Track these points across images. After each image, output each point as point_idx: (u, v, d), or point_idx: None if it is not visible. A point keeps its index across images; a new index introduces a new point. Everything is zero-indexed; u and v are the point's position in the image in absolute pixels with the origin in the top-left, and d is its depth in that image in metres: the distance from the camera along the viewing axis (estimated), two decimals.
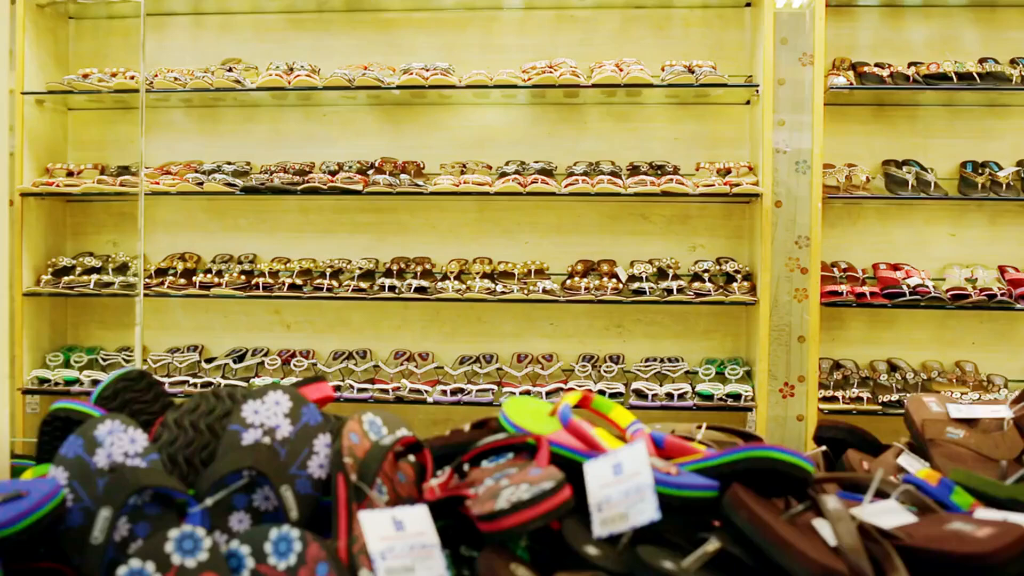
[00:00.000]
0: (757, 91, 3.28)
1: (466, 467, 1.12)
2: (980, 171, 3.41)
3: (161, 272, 3.57)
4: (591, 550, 0.93)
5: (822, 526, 0.97)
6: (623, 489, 0.97)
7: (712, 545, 0.91)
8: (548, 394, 3.29)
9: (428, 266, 3.56)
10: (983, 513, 1.01)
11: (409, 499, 1.08)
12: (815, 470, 1.00)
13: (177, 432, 1.10)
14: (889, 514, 0.99)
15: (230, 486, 1.02)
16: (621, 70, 3.32)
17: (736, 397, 3.24)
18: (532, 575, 0.93)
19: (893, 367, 3.46)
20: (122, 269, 3.57)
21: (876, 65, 3.38)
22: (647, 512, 0.94)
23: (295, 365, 3.55)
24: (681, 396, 3.24)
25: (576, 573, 0.89)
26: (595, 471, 1.00)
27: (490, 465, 1.11)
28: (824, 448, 1.50)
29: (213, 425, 1.10)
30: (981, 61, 3.38)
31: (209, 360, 3.60)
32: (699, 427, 1.51)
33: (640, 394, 3.27)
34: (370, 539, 0.94)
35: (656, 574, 0.86)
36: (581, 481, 1.00)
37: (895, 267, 3.44)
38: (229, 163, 3.60)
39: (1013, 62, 3.38)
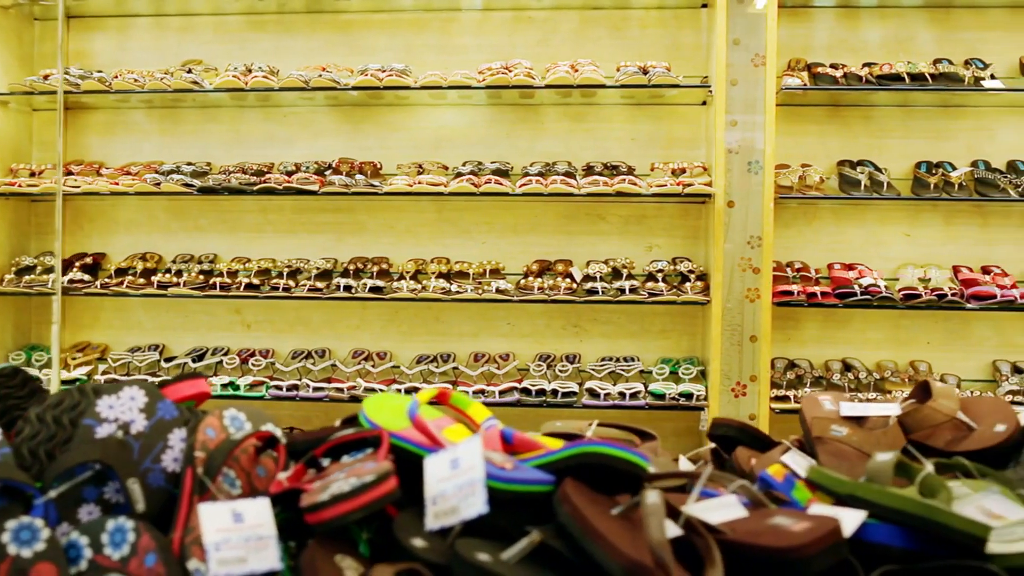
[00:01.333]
0: (710, 92, 3.30)
1: (326, 462, 1.14)
2: (933, 171, 3.42)
3: (121, 272, 3.59)
4: (418, 542, 0.95)
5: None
6: (457, 483, 0.98)
7: (533, 538, 0.93)
8: (501, 393, 3.31)
9: (385, 266, 3.58)
10: (816, 508, 1.02)
11: (266, 493, 1.10)
12: (648, 466, 1.02)
13: (38, 427, 1.11)
14: (721, 509, 1.00)
15: (77, 478, 1.04)
16: (576, 71, 3.34)
17: (688, 396, 3.26)
18: (359, 566, 0.95)
19: (847, 367, 3.48)
20: (85, 269, 3.59)
21: (831, 66, 3.40)
22: (477, 506, 0.95)
23: (253, 364, 3.57)
24: (634, 395, 3.26)
25: (394, 565, 0.91)
26: (433, 466, 1.01)
27: (349, 460, 1.13)
28: (713, 446, 1.52)
29: (75, 420, 1.12)
30: (935, 62, 3.40)
31: (169, 359, 3.62)
32: (590, 424, 1.52)
33: (593, 393, 3.29)
34: (206, 530, 0.96)
35: (470, 566, 0.88)
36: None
37: (849, 267, 3.45)
38: (189, 164, 3.63)
39: (967, 63, 3.39)
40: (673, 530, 0.96)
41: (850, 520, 0.96)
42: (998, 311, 3.30)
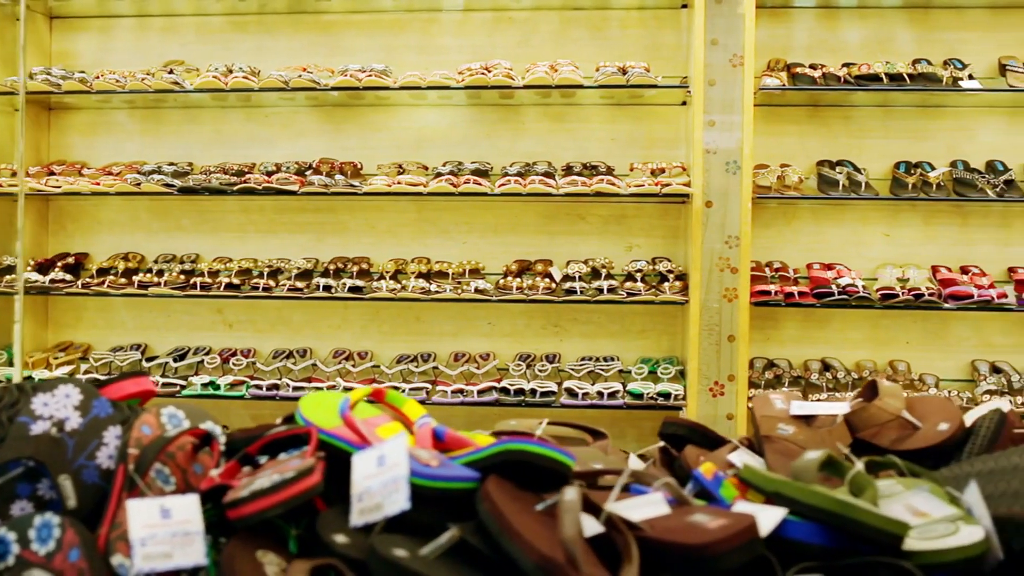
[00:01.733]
0: (689, 92, 3.31)
1: (263, 460, 1.15)
2: (912, 171, 3.43)
3: (103, 272, 3.60)
4: (340, 539, 0.96)
5: (585, 518, 1.00)
6: (382, 480, 0.99)
7: (451, 535, 0.94)
8: (480, 393, 3.32)
9: (365, 266, 3.59)
10: (740, 506, 1.03)
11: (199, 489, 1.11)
12: (572, 463, 1.03)
13: None
14: (645, 507, 1.01)
15: (9, 475, 1.05)
16: (555, 71, 3.35)
17: (666, 396, 3.26)
18: (282, 561, 0.96)
19: (826, 366, 3.48)
20: (67, 269, 3.60)
21: (810, 66, 3.40)
22: (399, 502, 0.96)
23: (234, 364, 3.58)
24: (612, 395, 3.27)
25: (311, 560, 0.92)
26: (360, 463, 1.02)
27: (285, 457, 1.14)
28: (662, 444, 1.53)
29: (12, 417, 1.13)
30: (914, 62, 3.40)
31: (151, 359, 3.63)
32: (539, 423, 1.53)
33: (571, 393, 3.30)
34: (132, 526, 0.97)
35: (386, 562, 0.89)
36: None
37: (828, 267, 3.46)
38: (171, 164, 3.64)
39: (946, 63, 3.40)
40: (594, 527, 0.97)
41: (770, 518, 0.97)
42: (976, 311, 3.30)
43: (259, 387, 3.40)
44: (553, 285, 3.39)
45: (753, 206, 3.39)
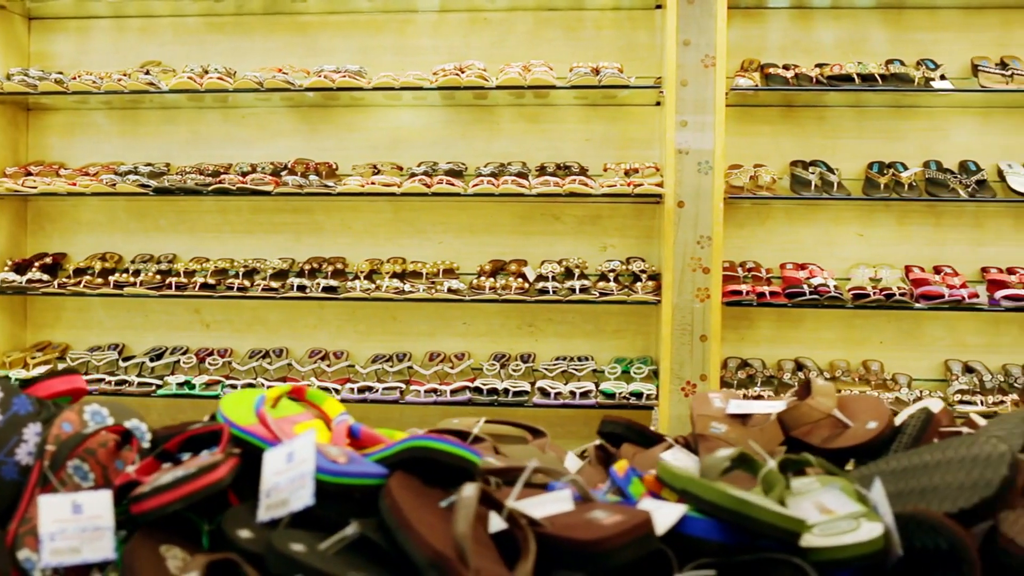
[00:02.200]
0: (662, 92, 3.32)
1: (185, 457, 1.16)
2: (885, 172, 3.43)
3: (80, 272, 3.62)
4: (244, 534, 0.97)
5: (492, 516, 1.01)
6: (290, 476, 1.01)
7: (351, 530, 0.95)
8: (453, 392, 3.33)
9: (340, 266, 3.60)
10: (645, 502, 1.04)
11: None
12: (477, 460, 1.04)
13: None
14: (549, 504, 1.02)
15: None
16: (529, 72, 3.36)
17: (639, 396, 3.27)
18: (186, 555, 0.97)
19: (799, 366, 3.49)
20: (44, 269, 3.62)
21: (783, 67, 3.41)
22: (304, 498, 0.97)
23: (210, 363, 3.59)
24: (584, 395, 3.28)
25: (210, 555, 0.93)
26: (271, 459, 1.03)
27: (206, 454, 1.15)
28: (599, 442, 1.53)
29: None
30: (888, 62, 3.41)
31: (128, 359, 3.65)
32: (478, 421, 1.54)
33: (544, 392, 3.30)
34: (42, 521, 0.98)
35: (281, 556, 0.90)
36: None
37: (801, 267, 3.47)
38: (148, 164, 3.66)
39: (920, 63, 3.40)
40: (499, 524, 0.98)
41: (670, 514, 0.98)
42: (948, 311, 3.31)
43: (234, 387, 3.41)
44: (526, 285, 3.40)
45: (726, 206, 3.40)
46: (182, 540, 1.00)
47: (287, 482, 1.01)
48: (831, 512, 1.05)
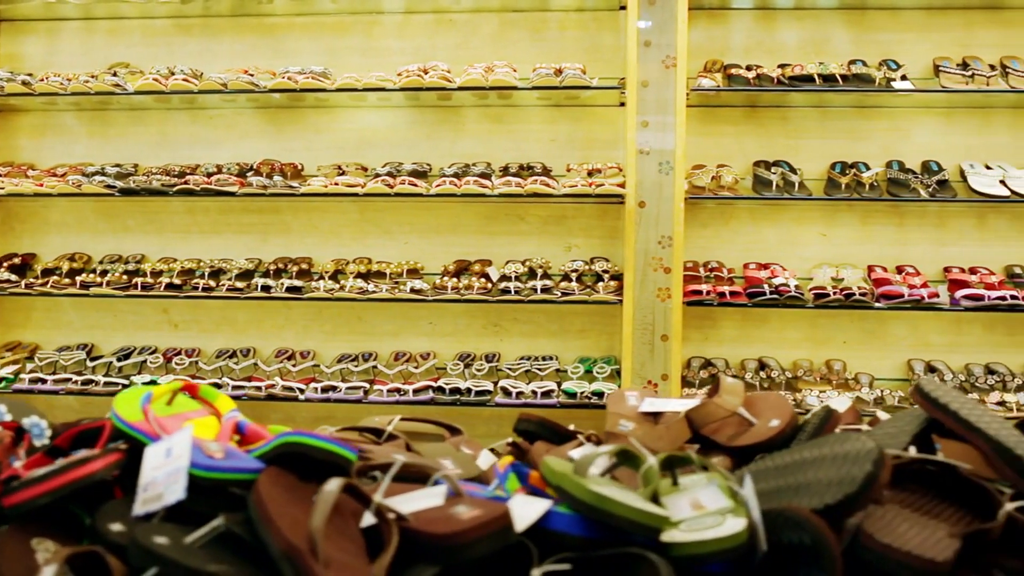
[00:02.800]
0: (623, 93, 3.33)
1: (80, 453, 1.18)
2: (847, 172, 3.44)
3: (48, 272, 3.64)
4: (115, 527, 0.98)
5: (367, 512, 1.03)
6: (166, 471, 1.02)
7: (216, 523, 0.96)
8: (416, 392, 3.35)
9: (306, 266, 3.62)
10: (517, 498, 1.06)
11: None
12: (352, 455, 1.05)
13: None
14: (421, 499, 1.04)
15: None
16: (492, 72, 3.38)
17: (600, 395, 3.28)
18: (59, 548, 0.98)
19: (763, 365, 3.50)
20: (13, 269, 3.64)
21: (746, 67, 3.42)
22: (177, 492, 0.99)
23: (177, 363, 3.61)
24: (546, 394, 3.29)
25: (74, 547, 0.94)
26: (151, 455, 1.05)
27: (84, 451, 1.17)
28: (511, 439, 1.55)
29: None
30: (850, 63, 3.42)
31: (96, 358, 3.67)
32: (390, 420, 1.56)
33: (506, 392, 3.32)
34: None
35: (143, 549, 0.91)
36: None
37: (764, 267, 3.48)
38: (117, 165, 3.68)
39: (882, 64, 3.41)
40: (368, 519, 1.00)
41: (535, 509, 1.00)
42: (911, 311, 3.32)
43: None
44: (489, 285, 3.41)
45: (691, 206, 3.42)
46: (60, 534, 1.02)
47: (163, 476, 1.02)
48: (702, 508, 1.06)
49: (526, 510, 1.00)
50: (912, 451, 1.17)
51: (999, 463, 1.13)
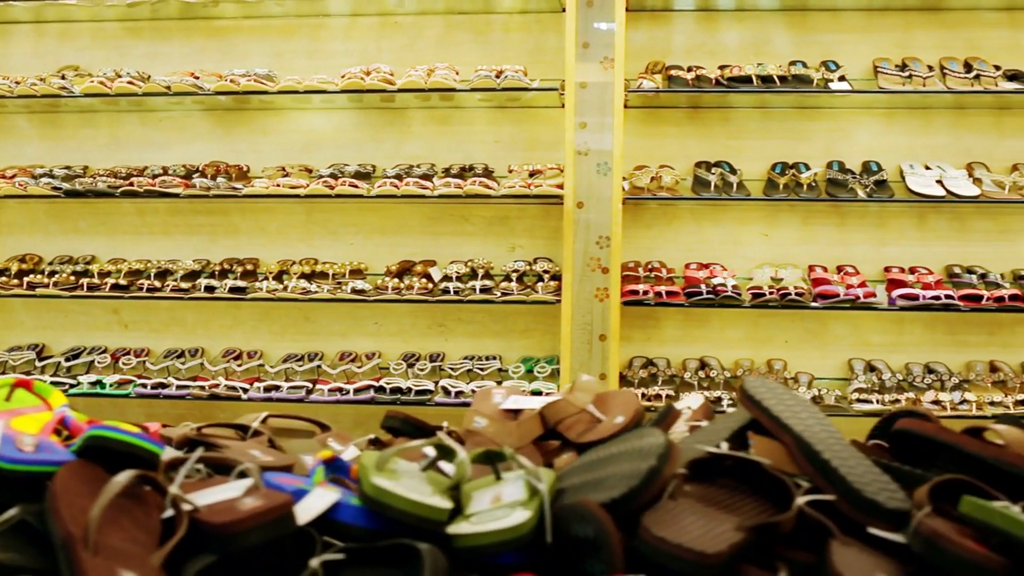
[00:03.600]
0: (562, 94, 3.36)
1: None
2: (786, 172, 3.46)
3: None
4: None
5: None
6: None
7: (11, 513, 0.99)
8: (356, 391, 3.37)
9: (251, 267, 3.65)
10: (318, 491, 1.08)
11: None
12: (158, 450, 1.08)
13: None
14: (221, 492, 1.06)
15: None
16: (433, 74, 3.40)
17: (538, 394, 3.30)
18: None
19: (703, 365, 3.52)
20: None
21: (687, 69, 3.45)
22: None
23: (124, 363, 3.65)
24: None
25: None
26: None
27: None
28: (373, 436, 1.58)
29: None
30: (791, 64, 3.44)
31: (45, 358, 3.71)
32: (263, 420, 1.59)
33: (447, 391, 3.35)
34: None
35: None
36: None
37: (704, 267, 3.50)
38: (67, 167, 3.71)
39: (823, 65, 3.42)
40: (169, 511, 1.03)
41: (322, 501, 1.03)
42: (851, 310, 3.34)
43: (144, 386, 3.47)
44: (430, 285, 3.44)
45: (633, 207, 3.45)
46: None
47: None
48: (499, 501, 1.09)
49: (316, 502, 1.03)
50: (724, 447, 1.19)
51: (800, 458, 1.16)
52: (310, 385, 3.44)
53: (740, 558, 1.01)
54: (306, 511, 1.01)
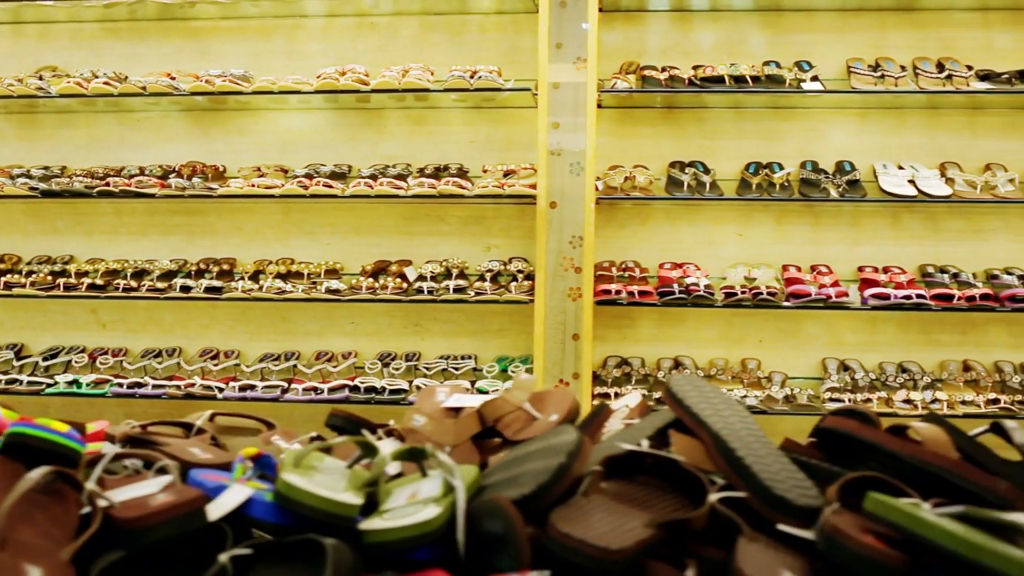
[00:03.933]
0: (535, 95, 3.37)
1: None
2: (759, 172, 3.47)
3: None
4: None
5: None
6: None
7: None
8: (331, 391, 3.39)
9: (227, 267, 3.67)
10: (236, 486, 1.10)
11: None
12: (79, 447, 1.10)
13: None
14: (141, 488, 1.08)
15: None
16: (408, 74, 3.41)
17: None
18: None
19: (678, 364, 3.53)
20: None
21: (660, 69, 3.46)
22: None
23: (101, 363, 3.66)
24: None
25: None
26: None
27: None
28: (314, 434, 1.59)
29: None
30: (764, 64, 3.45)
31: (23, 358, 3.72)
32: (210, 417, 1.60)
33: (420, 391, 3.36)
34: None
35: None
36: None
37: (678, 266, 3.51)
38: (45, 168, 3.73)
39: (795, 65, 3.43)
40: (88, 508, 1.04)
41: (235, 497, 1.04)
42: (824, 310, 3.35)
43: (120, 386, 3.48)
44: (405, 285, 3.46)
45: (608, 207, 3.46)
46: None
47: None
48: (414, 498, 1.10)
49: (230, 498, 1.04)
50: (645, 445, 1.20)
51: (716, 455, 1.17)
52: (285, 384, 3.45)
53: (650, 555, 1.02)
54: (219, 507, 1.03)
